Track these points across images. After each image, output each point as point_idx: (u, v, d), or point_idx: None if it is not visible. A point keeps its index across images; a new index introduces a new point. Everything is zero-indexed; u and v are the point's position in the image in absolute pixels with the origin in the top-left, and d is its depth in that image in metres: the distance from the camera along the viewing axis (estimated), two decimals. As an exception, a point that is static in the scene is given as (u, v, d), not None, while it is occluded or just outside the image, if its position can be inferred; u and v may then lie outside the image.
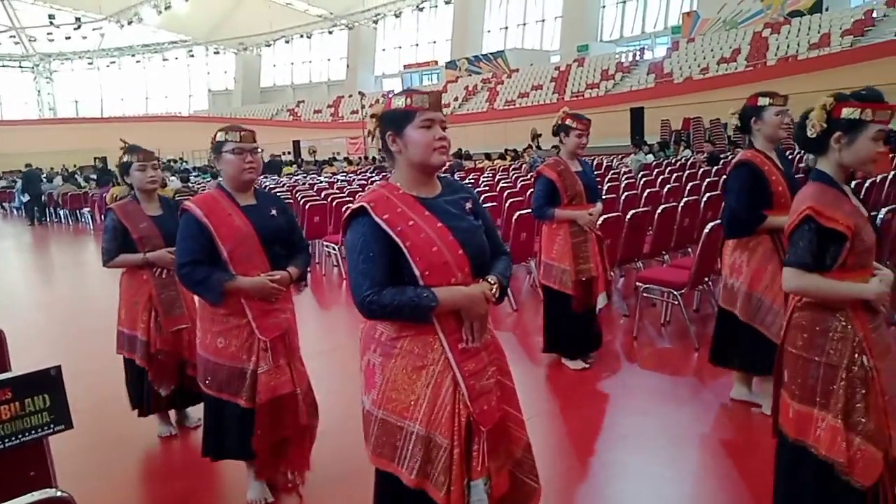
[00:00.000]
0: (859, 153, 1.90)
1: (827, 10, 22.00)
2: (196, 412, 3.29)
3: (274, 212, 2.52)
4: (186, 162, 26.28)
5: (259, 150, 2.49)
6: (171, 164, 22.21)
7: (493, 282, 1.75)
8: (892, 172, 6.72)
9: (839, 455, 1.86)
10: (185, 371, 3.15)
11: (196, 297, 2.62)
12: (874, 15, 20.20)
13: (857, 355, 1.88)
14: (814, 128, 1.93)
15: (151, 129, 38.53)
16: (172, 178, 11.82)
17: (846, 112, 1.89)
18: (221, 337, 2.43)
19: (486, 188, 9.08)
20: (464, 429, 1.68)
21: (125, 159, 3.13)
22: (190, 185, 11.30)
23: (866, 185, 5.92)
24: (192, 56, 45.83)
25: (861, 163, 1.93)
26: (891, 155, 8.82)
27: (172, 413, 3.38)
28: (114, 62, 46.90)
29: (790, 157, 3.32)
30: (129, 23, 37.46)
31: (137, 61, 47.10)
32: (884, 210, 4.10)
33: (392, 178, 1.78)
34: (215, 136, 2.46)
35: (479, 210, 1.84)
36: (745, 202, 2.99)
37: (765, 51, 21.69)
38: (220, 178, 2.54)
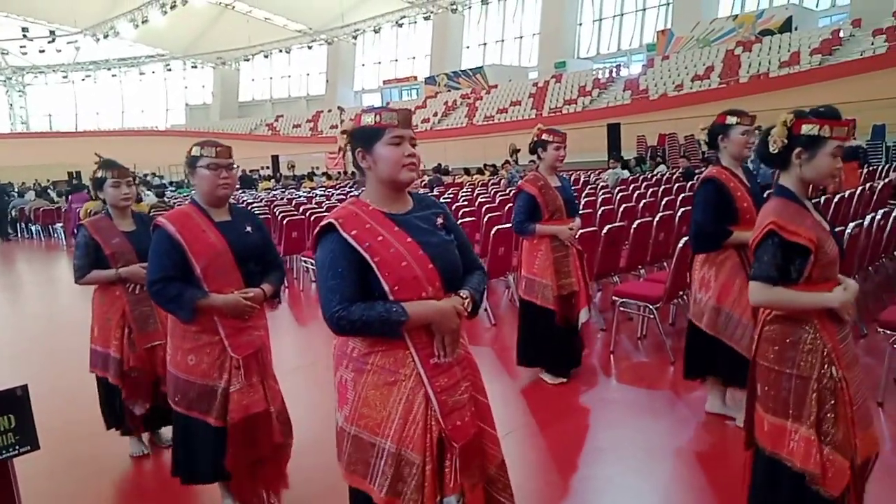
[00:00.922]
0: (819, 168, 1.95)
1: (796, 29, 22.59)
2: (170, 431, 3.23)
3: (249, 228, 2.50)
4: (163, 177, 25.99)
5: (235, 166, 2.47)
6: (147, 178, 21.94)
7: (465, 296, 1.75)
8: (860, 188, 6.89)
9: (815, 466, 1.89)
10: (160, 389, 3.10)
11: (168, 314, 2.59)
12: (841, 35, 20.79)
13: (826, 366, 1.92)
14: (775, 143, 1.98)
15: (127, 143, 38.15)
16: (148, 192, 11.68)
17: (805, 128, 1.94)
18: (192, 354, 2.40)
19: (465, 203, 9.12)
20: (436, 445, 1.67)
21: (99, 175, 3.08)
22: (166, 200, 11.18)
23: (835, 200, 6.05)
24: (170, 70, 45.58)
25: (821, 178, 1.98)
26: (859, 170, 9.07)
27: (145, 434, 3.31)
28: (89, 76, 46.40)
29: (756, 171, 3.39)
30: (105, 36, 37.12)
31: (113, 75, 46.67)
32: (851, 224, 4.20)
33: (363, 195, 1.78)
34: (190, 150, 2.43)
35: (452, 225, 1.84)
36: (711, 217, 3.05)
37: (737, 68, 22.18)
38: (193, 194, 2.52)
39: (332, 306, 1.63)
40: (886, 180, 8.20)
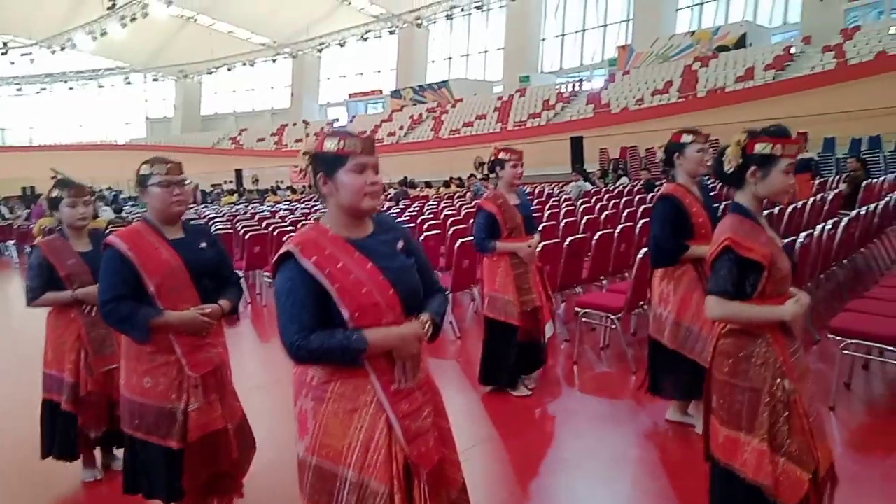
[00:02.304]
0: (773, 186, 2.00)
1: (751, 45, 23.29)
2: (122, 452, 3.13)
3: (203, 244, 2.45)
4: (121, 192, 25.40)
5: (187, 181, 2.43)
6: (104, 193, 21.41)
7: (425, 320, 1.73)
8: (812, 199, 7.11)
9: (766, 478, 1.92)
10: (115, 412, 3.00)
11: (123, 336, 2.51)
12: (792, 51, 21.51)
13: (778, 379, 1.96)
14: (730, 163, 2.03)
15: (84, 157, 37.16)
16: (105, 208, 11.39)
17: (759, 147, 1.99)
18: (149, 376, 2.33)
19: (431, 216, 9.13)
20: (402, 472, 1.65)
21: (55, 194, 2.98)
22: (124, 216, 10.92)
23: (789, 210, 6.23)
24: (129, 83, 44.60)
25: (775, 194, 2.03)
26: (811, 182, 9.37)
27: (98, 456, 3.20)
28: (45, 88, 45.14)
29: (710, 186, 3.47)
30: (62, 49, 36.22)
31: (71, 88, 45.48)
32: (803, 234, 4.32)
33: (323, 219, 1.76)
34: (140, 168, 2.38)
35: (412, 248, 1.83)
36: (668, 233, 3.12)
37: (695, 83, 22.74)
38: (146, 211, 2.46)
39: (291, 335, 1.61)
40: (837, 191, 8.49)
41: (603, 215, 7.66)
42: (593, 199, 10.11)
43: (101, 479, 3.15)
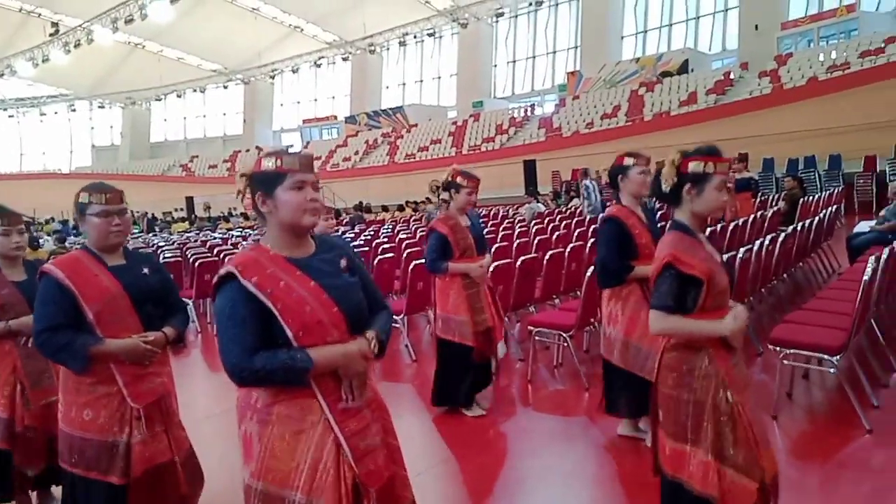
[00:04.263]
0: (708, 202, 2.09)
1: (692, 71, 24.24)
2: (60, 491, 3.00)
3: (146, 270, 2.39)
4: (66, 222, 24.57)
5: (127, 211, 2.38)
6: (45, 224, 20.66)
7: (371, 337, 1.73)
8: (753, 216, 7.40)
9: (712, 489, 1.96)
10: (54, 447, 2.87)
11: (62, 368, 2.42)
12: (731, 76, 22.48)
13: (721, 391, 2.02)
14: (667, 182, 2.11)
15: (26, 186, 35.95)
16: (47, 237, 10.98)
17: (692, 166, 2.08)
18: (88, 409, 2.24)
19: (385, 239, 9.12)
20: (351, 492, 1.63)
21: None
22: (67, 246, 10.55)
23: (731, 227, 6.46)
24: (74, 110, 43.36)
25: (710, 210, 2.12)
26: (752, 200, 9.74)
27: (34, 496, 3.05)
28: (-18, 116, 43.54)
29: (655, 209, 3.59)
30: (1, 75, 35.07)
31: (10, 115, 43.99)
32: (742, 249, 4.49)
33: (263, 240, 1.75)
34: (78, 195, 2.31)
35: (356, 266, 1.83)
36: (613, 254, 3.21)
37: (641, 107, 23.48)
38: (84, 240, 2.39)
39: (232, 357, 1.59)
40: (776, 208, 8.85)
41: (555, 236, 7.79)
42: (546, 221, 10.28)
43: (38, 520, 3.00)
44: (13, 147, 46.00)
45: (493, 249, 5.25)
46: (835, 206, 8.53)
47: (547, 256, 5.42)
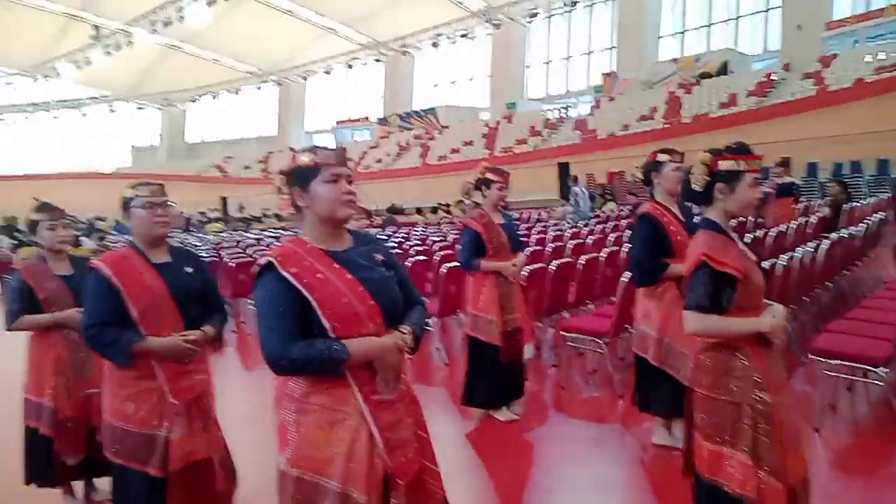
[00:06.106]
0: (741, 199, 2.08)
1: (732, 72, 23.78)
2: (105, 483, 3.07)
3: (189, 269, 2.45)
4: (104, 219, 25.20)
5: (171, 203, 2.44)
6: (81, 224, 21.22)
7: (406, 331, 1.75)
8: (796, 222, 7.21)
9: (751, 491, 1.94)
10: (95, 438, 2.95)
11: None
12: (773, 78, 21.98)
13: (757, 392, 1.99)
14: (698, 182, 2.11)
15: (69, 186, 36.98)
16: (84, 238, 11.23)
17: (723, 164, 2.08)
18: (130, 401, 2.31)
19: (418, 242, 9.14)
20: (381, 483, 1.66)
21: (34, 217, 3.00)
22: (107, 245, 10.79)
23: (772, 233, 6.30)
24: (114, 111, 44.49)
25: (744, 208, 2.11)
26: (794, 206, 9.49)
27: (79, 486, 3.14)
28: (27, 118, 44.96)
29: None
30: (45, 77, 36.18)
31: (54, 117, 45.33)
32: (784, 256, 4.37)
33: (301, 233, 1.79)
34: (124, 193, 2.41)
35: (391, 261, 1.86)
36: (647, 252, 3.16)
37: (679, 109, 23.11)
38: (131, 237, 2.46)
39: (271, 346, 1.63)
40: (819, 214, 8.60)
41: (589, 240, 7.71)
42: (580, 224, 10.18)
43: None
44: (56, 148, 47.40)
45: (525, 251, 5.21)
46: (882, 213, 8.25)
47: (582, 261, 5.36)
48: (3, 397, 3.51)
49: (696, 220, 3.17)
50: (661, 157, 3.24)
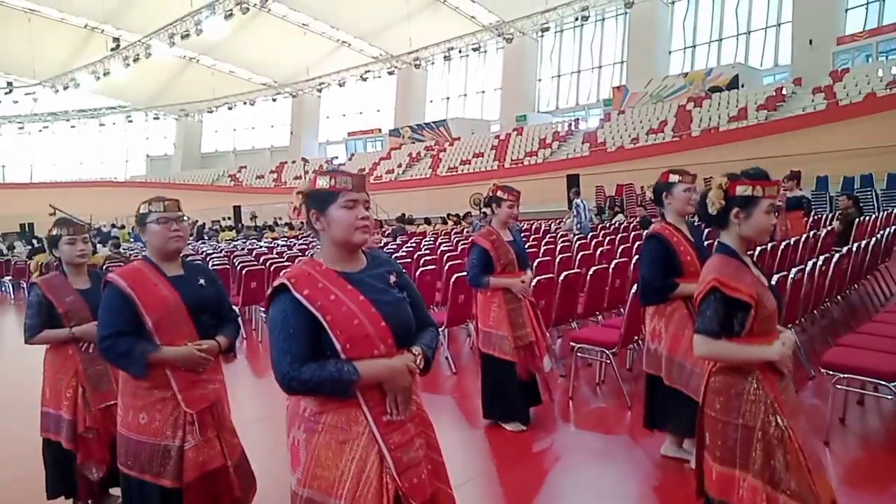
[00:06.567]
0: (757, 226, 2.07)
1: (743, 86, 23.77)
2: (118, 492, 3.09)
3: (202, 281, 2.49)
4: (117, 226, 25.48)
5: (184, 218, 2.48)
6: (101, 229, 21.49)
7: (416, 353, 1.76)
8: (806, 235, 7.19)
9: None
10: (115, 449, 2.97)
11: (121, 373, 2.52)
12: (784, 92, 21.95)
13: (770, 416, 1.97)
14: (713, 205, 2.09)
15: (84, 194, 37.42)
16: (99, 245, 11.39)
17: (740, 189, 2.06)
18: (144, 412, 2.33)
19: (427, 252, 9.18)
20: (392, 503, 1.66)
21: (54, 232, 3.03)
22: (122, 251, 10.93)
23: (782, 247, 6.29)
24: (131, 121, 45.11)
25: (759, 234, 2.09)
26: (805, 219, 9.46)
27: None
28: (46, 127, 45.64)
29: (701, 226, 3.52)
30: (65, 88, 36.74)
31: (72, 126, 45.98)
32: (794, 270, 4.37)
33: (316, 254, 1.81)
34: (139, 208, 2.45)
35: (404, 283, 1.87)
36: (657, 272, 3.17)
37: (689, 122, 23.13)
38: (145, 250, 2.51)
39: (283, 367, 1.64)
40: (830, 228, 8.57)
41: (598, 251, 7.72)
42: (588, 236, 10.19)
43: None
44: (73, 156, 48.04)
45: (534, 264, 5.22)
46: (893, 228, 8.20)
47: (590, 272, 5.38)
48: (26, 412, 3.54)
49: (705, 240, 3.19)
50: (673, 178, 3.26)
